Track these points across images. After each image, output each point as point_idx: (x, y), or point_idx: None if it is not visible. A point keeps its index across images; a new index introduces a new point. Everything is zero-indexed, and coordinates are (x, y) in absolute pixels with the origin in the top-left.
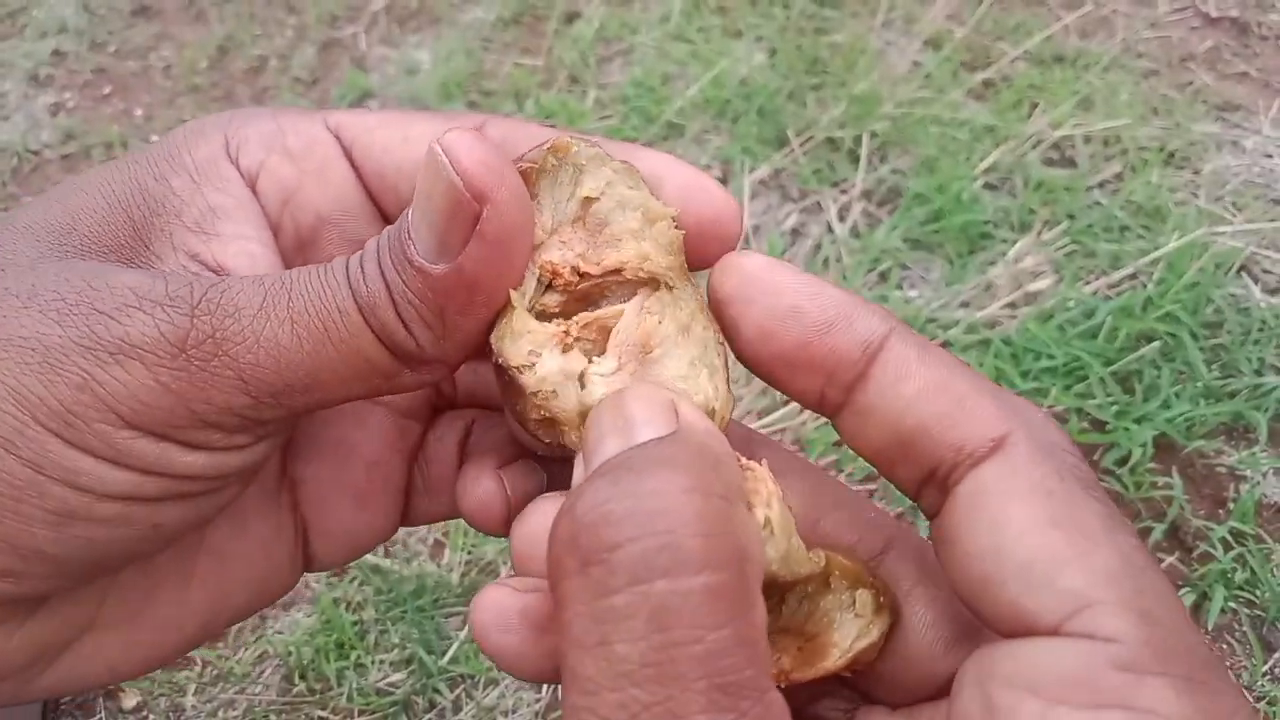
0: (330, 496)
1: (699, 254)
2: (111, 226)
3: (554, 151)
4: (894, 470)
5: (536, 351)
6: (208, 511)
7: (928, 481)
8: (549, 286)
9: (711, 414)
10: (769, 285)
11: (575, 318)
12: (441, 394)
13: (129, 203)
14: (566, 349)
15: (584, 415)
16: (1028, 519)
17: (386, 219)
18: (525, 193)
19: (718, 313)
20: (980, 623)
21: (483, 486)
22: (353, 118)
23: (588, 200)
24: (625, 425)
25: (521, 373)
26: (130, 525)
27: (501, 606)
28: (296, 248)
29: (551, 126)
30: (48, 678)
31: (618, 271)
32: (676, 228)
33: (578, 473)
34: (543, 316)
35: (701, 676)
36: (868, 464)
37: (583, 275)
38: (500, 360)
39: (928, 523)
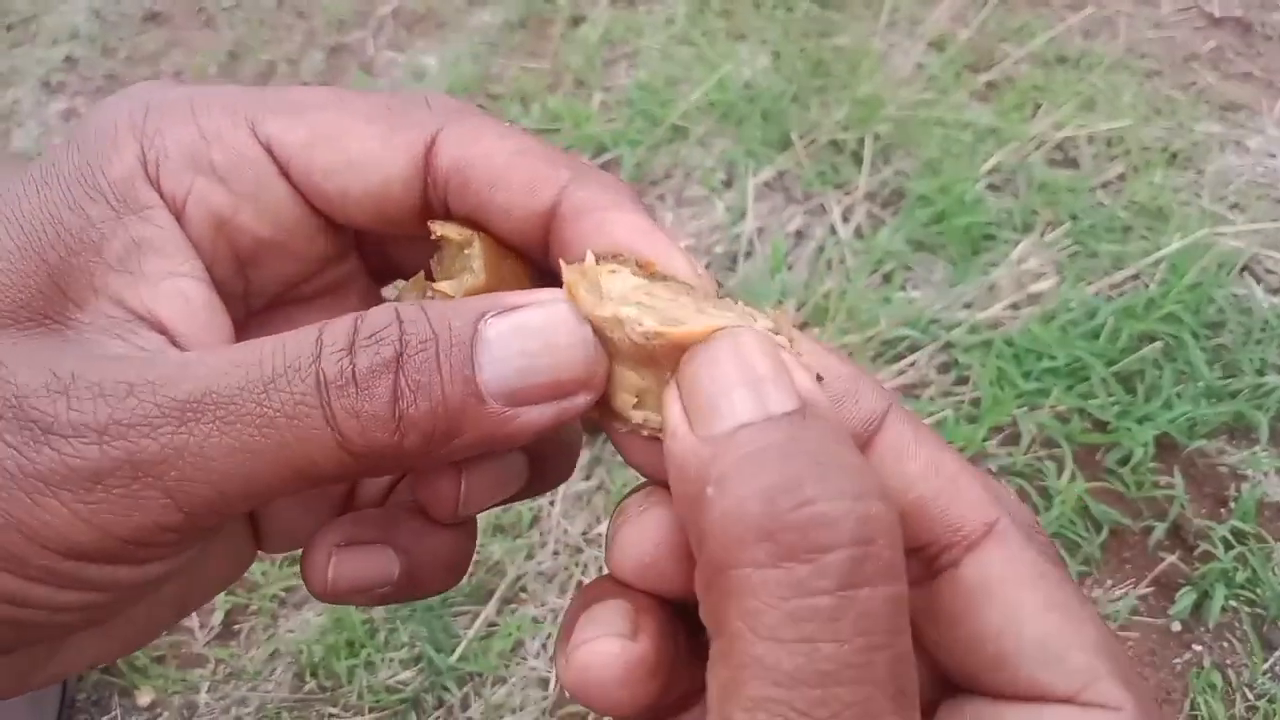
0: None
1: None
2: (24, 277)
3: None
4: None
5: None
6: (165, 576)
7: (912, 555)
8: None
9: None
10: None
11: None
12: None
13: (42, 243)
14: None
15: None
16: (1034, 603)
17: (333, 226)
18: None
19: None
20: (969, 685)
21: (316, 568)
22: (282, 127)
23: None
24: (755, 381)
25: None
26: (85, 618)
27: (621, 660)
28: (236, 270)
29: (512, 123)
30: (32, 680)
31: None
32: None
33: (674, 410)
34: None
35: (892, 679)
36: None
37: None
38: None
39: None
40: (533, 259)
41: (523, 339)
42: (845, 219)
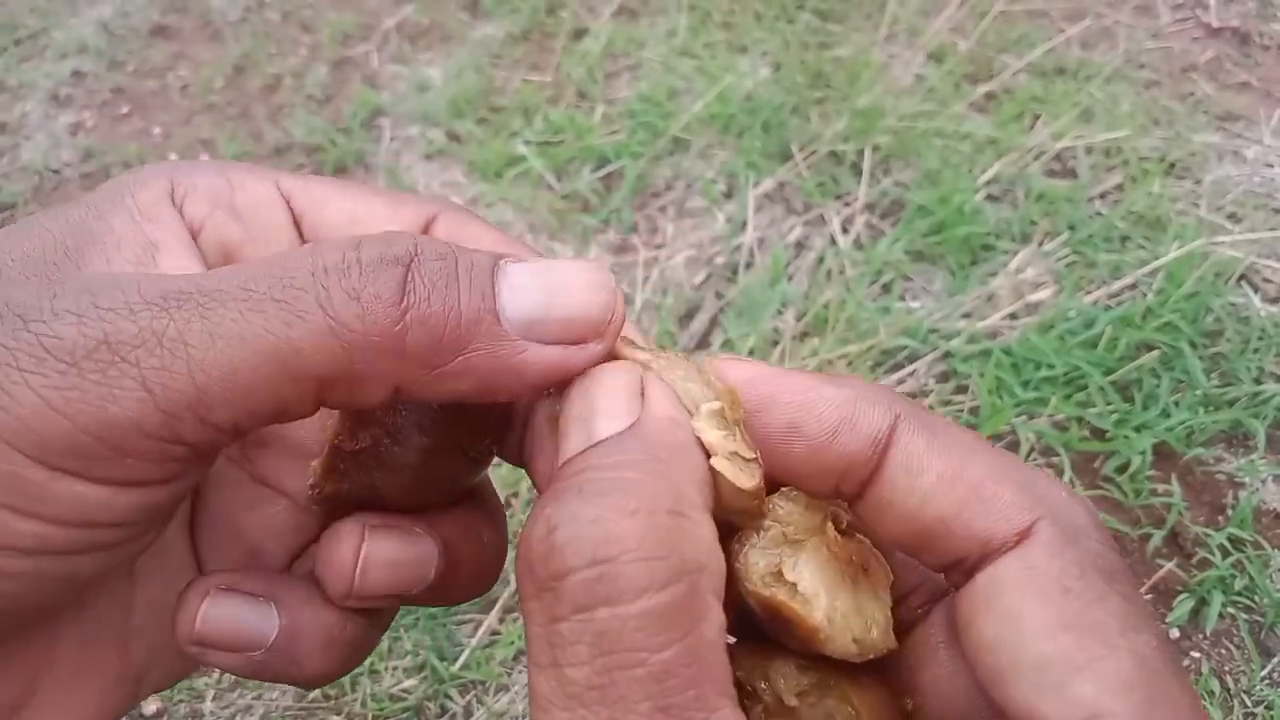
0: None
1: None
2: (41, 250)
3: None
4: (919, 555)
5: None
6: (129, 556)
7: (954, 568)
8: None
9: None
10: (762, 400)
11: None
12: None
13: (64, 233)
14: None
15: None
16: (1041, 619)
17: None
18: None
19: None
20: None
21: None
22: (303, 186)
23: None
24: (589, 415)
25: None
26: (41, 580)
27: None
28: None
29: (498, 229)
30: None
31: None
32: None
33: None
34: None
35: (644, 698)
36: None
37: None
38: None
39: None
40: None
41: (546, 275)
42: (845, 230)
